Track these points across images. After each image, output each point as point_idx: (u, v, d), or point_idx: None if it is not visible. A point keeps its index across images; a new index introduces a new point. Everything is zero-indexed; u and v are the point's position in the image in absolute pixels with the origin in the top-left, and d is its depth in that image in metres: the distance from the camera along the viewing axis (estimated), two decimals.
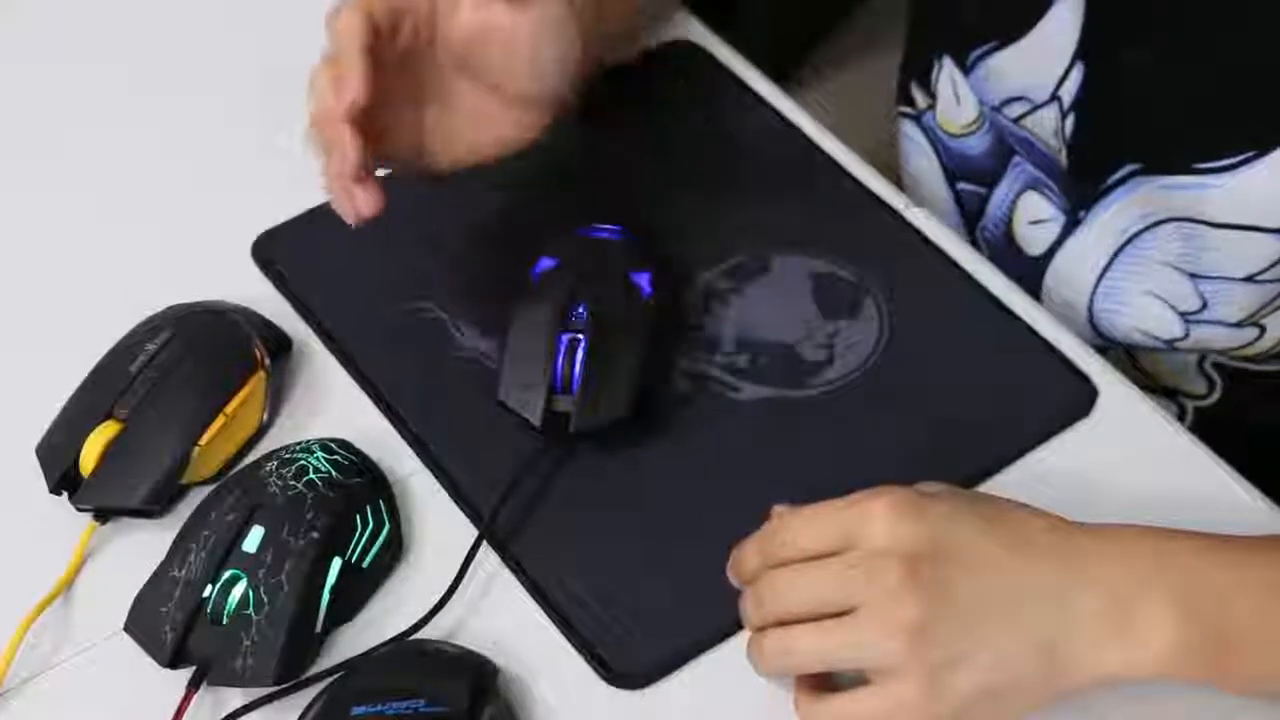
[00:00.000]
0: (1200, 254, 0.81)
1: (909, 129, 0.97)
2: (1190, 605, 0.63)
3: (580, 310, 0.75)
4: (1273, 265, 0.79)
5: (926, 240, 0.84)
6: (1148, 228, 0.83)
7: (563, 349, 0.74)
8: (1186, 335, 0.84)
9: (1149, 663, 0.63)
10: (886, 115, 1.00)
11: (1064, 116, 0.83)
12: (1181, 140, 0.79)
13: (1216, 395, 0.90)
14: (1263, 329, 0.84)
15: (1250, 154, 0.76)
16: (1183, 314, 0.84)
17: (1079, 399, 0.77)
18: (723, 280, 0.82)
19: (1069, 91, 0.82)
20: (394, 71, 0.72)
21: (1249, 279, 0.81)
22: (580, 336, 0.75)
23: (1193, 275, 0.82)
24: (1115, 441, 0.77)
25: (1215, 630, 0.63)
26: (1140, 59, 0.79)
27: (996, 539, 0.63)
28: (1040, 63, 0.82)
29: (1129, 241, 0.84)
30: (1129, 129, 0.81)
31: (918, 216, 0.85)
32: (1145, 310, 0.85)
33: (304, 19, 0.98)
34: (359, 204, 0.70)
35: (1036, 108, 0.84)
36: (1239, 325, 0.83)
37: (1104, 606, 0.62)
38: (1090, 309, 0.87)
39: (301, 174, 0.88)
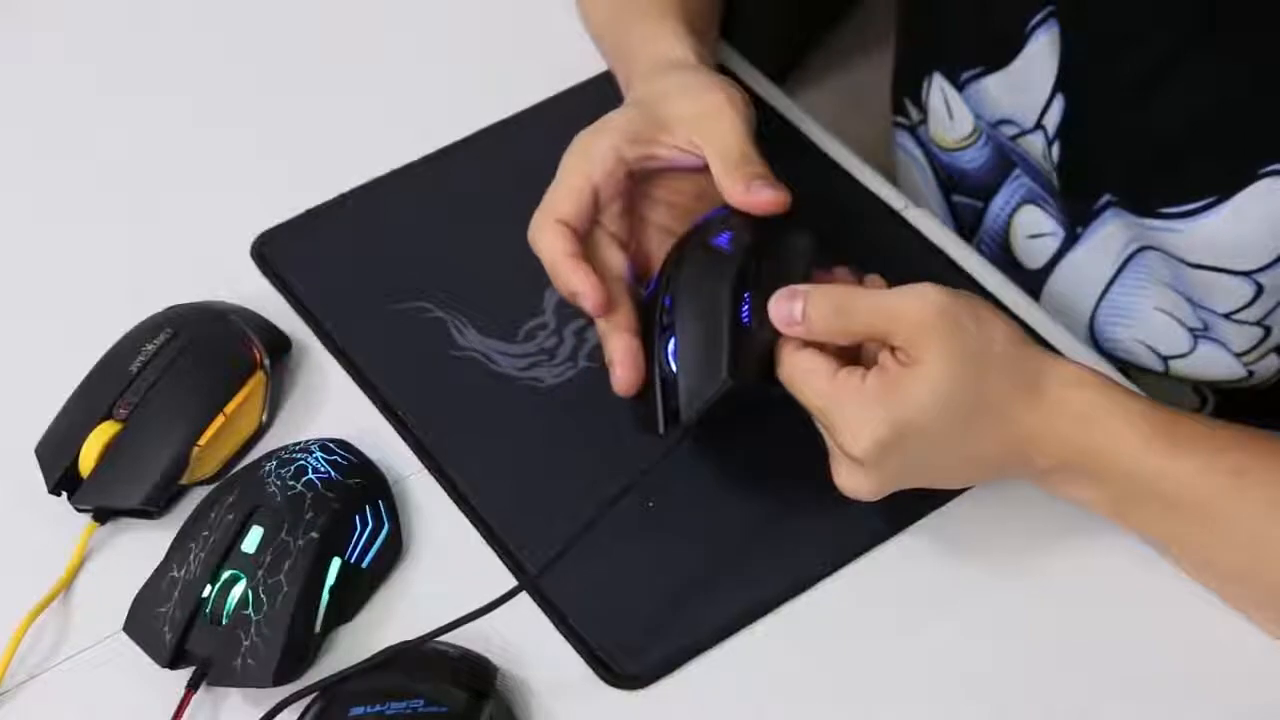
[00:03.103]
0: (1186, 286, 0.82)
1: (904, 140, 0.97)
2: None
3: (667, 301, 0.72)
4: (1246, 306, 0.79)
5: (926, 240, 0.84)
6: (1139, 250, 0.83)
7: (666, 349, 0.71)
8: (1194, 349, 0.84)
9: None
10: (885, 115, 1.00)
11: (1050, 144, 0.83)
12: (1149, 183, 0.79)
13: (1208, 411, 0.90)
14: (1251, 373, 0.84)
15: (1211, 200, 0.76)
16: (1191, 329, 0.84)
17: None
18: None
19: (1052, 121, 0.82)
20: (615, 223, 0.76)
21: (1228, 317, 0.81)
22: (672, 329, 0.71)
23: (1189, 300, 0.82)
24: None
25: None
26: (1112, 95, 0.79)
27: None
28: (1024, 91, 0.83)
29: (1130, 259, 0.84)
30: (1104, 164, 0.82)
31: (918, 216, 0.85)
32: (1152, 324, 0.85)
33: (303, 19, 0.99)
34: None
35: (1025, 132, 0.84)
36: (1237, 356, 0.83)
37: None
38: (1092, 323, 0.87)
39: (301, 174, 0.89)
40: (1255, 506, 0.67)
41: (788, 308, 0.68)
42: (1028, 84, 0.82)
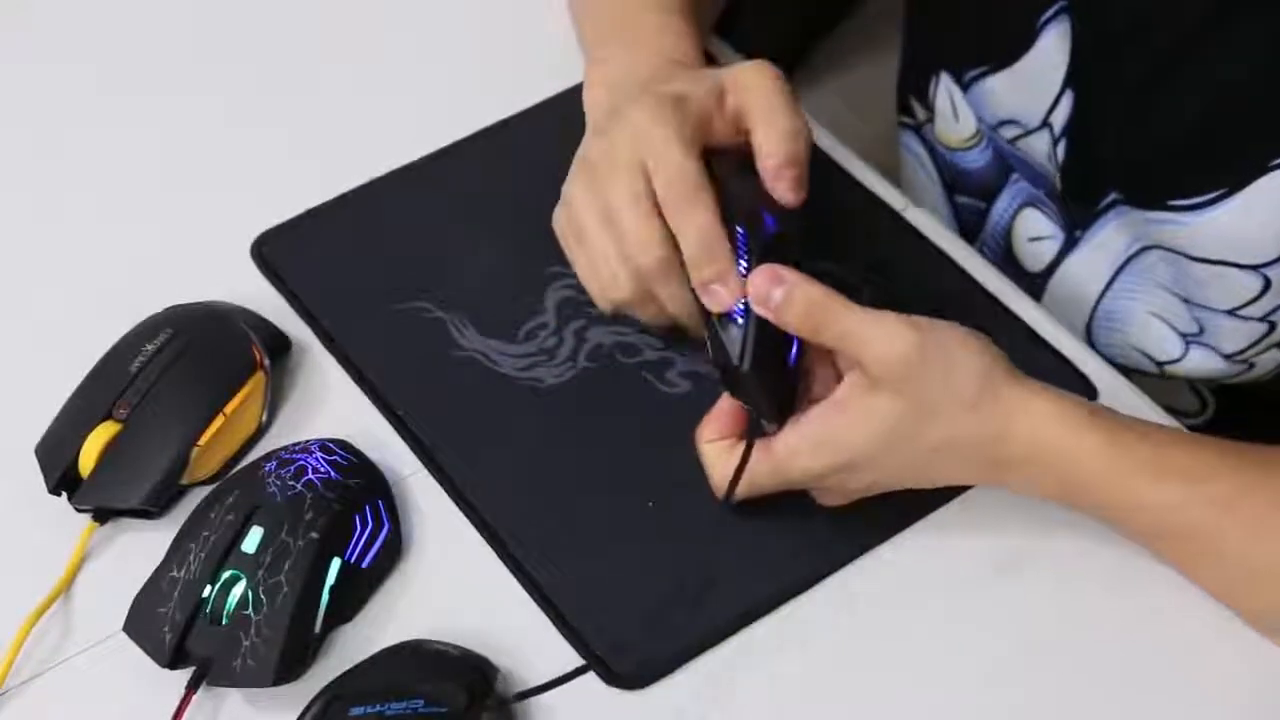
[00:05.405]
0: (1187, 283, 0.81)
1: (909, 140, 0.97)
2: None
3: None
4: (1253, 301, 0.79)
5: (926, 240, 0.84)
6: (1140, 251, 0.83)
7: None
8: (1185, 355, 0.84)
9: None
10: (886, 115, 1.00)
11: (1055, 143, 0.83)
12: (1157, 176, 0.79)
13: (1209, 414, 0.90)
14: (1251, 365, 0.84)
15: (1221, 192, 0.76)
16: (1183, 334, 0.84)
17: None
18: None
19: (1059, 119, 0.82)
20: None
21: (1232, 313, 0.81)
22: None
23: (1186, 301, 0.82)
24: None
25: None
26: (1123, 90, 0.79)
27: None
28: (1031, 89, 0.83)
29: (1128, 262, 0.84)
30: (1111, 160, 0.82)
31: (918, 216, 0.85)
32: (1146, 329, 0.85)
33: (303, 19, 0.99)
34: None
35: (1029, 132, 0.84)
36: (1230, 358, 0.83)
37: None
38: (1089, 327, 0.87)
39: (301, 174, 0.89)
40: (1239, 535, 0.68)
41: (767, 289, 0.68)
42: (1035, 81, 0.82)
